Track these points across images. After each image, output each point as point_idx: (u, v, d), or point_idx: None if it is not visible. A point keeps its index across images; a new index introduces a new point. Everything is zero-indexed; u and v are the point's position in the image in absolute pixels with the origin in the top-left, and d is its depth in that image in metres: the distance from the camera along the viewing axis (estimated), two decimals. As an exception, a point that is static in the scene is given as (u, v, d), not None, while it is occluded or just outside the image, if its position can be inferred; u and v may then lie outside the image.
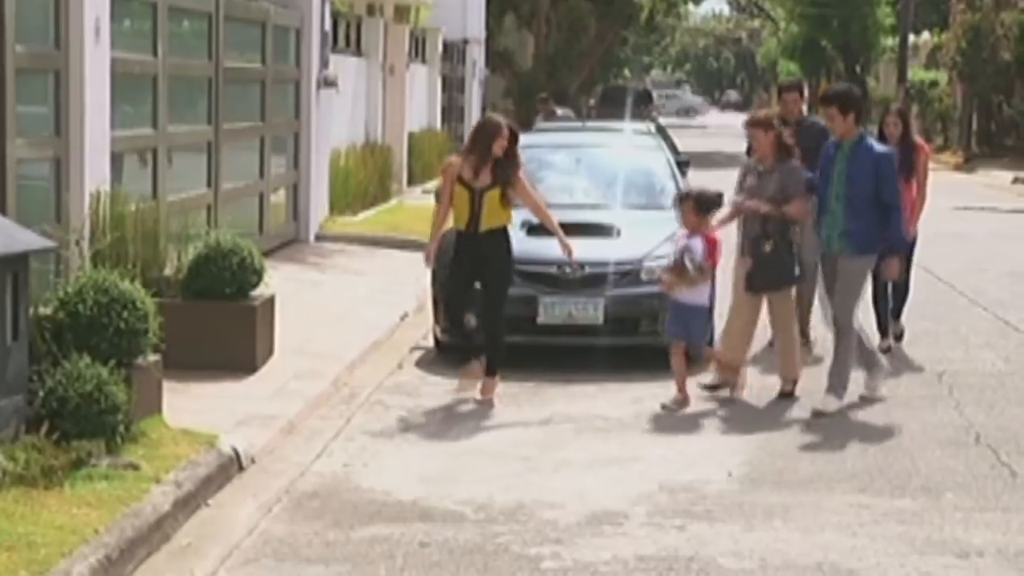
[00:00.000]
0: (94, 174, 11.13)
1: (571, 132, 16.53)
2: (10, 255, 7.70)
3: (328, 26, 19.57)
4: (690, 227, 10.75)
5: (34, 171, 10.64)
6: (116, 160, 11.86)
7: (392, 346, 12.84)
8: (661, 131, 20.79)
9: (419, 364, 12.08)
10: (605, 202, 13.17)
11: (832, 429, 9.96)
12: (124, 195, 11.18)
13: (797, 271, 10.90)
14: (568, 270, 11.66)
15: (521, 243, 11.97)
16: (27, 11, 10.27)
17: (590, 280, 11.72)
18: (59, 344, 8.37)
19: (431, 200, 24.80)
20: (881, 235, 10.40)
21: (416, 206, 23.48)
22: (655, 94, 58.52)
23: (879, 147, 10.65)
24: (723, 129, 63.09)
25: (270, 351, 11.43)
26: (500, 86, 42.54)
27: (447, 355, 12.07)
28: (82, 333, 8.44)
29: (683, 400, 10.55)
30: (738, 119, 27.78)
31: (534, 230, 12.05)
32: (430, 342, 12.64)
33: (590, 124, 20.32)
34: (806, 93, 13.29)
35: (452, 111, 34.40)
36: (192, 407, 9.61)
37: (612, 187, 13.56)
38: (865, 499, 8.25)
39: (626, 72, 67.91)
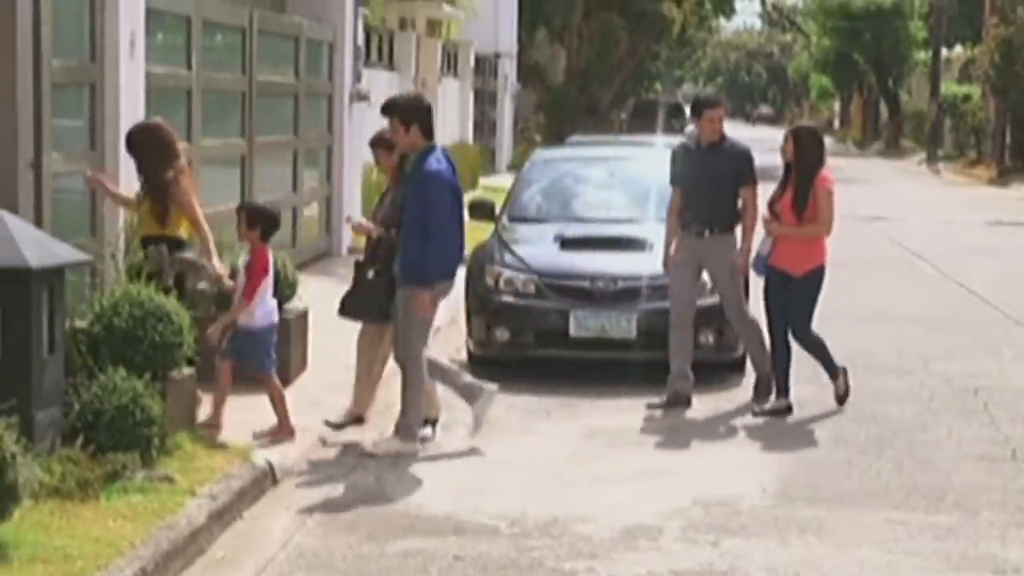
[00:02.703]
0: (129, 188, 11.15)
1: (604, 146, 16.50)
2: (47, 269, 7.73)
3: (361, 40, 19.63)
4: (244, 240, 9.82)
5: (69, 185, 10.69)
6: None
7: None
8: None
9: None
10: (638, 216, 13.16)
11: (866, 444, 9.92)
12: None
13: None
14: (601, 284, 11.67)
15: (555, 257, 12.02)
16: (63, 25, 10.32)
17: (623, 294, 11.71)
18: (95, 357, 8.41)
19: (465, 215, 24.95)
20: None
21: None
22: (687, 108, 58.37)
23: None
24: (755, 144, 62.88)
25: (303, 364, 11.46)
26: (531, 100, 42.58)
27: (480, 369, 12.06)
28: (117, 346, 8.48)
29: (214, 426, 9.23)
30: (771, 133, 27.83)
31: (567, 244, 12.06)
32: (463, 355, 12.64)
33: (623, 138, 20.37)
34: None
35: (484, 125, 34.45)
36: (227, 420, 9.62)
37: (645, 201, 13.53)
38: (900, 515, 8.21)
39: (657, 86, 67.84)
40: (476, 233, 16.84)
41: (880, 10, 58.88)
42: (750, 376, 12.01)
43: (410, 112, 9.24)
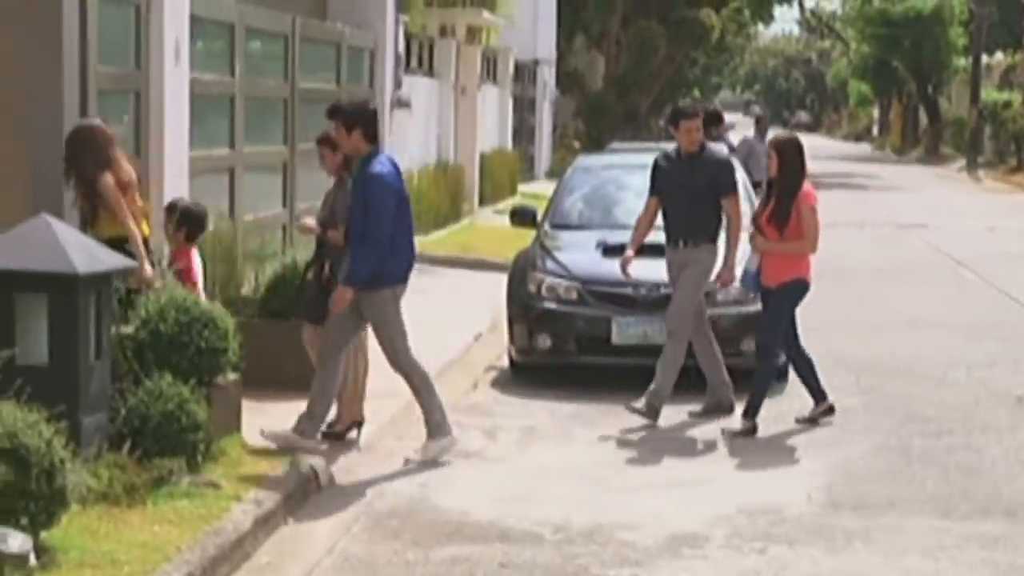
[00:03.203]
0: (173, 193, 11.22)
1: (645, 153, 16.47)
2: (94, 275, 7.76)
3: (401, 47, 19.67)
4: (171, 238, 9.80)
5: (115, 191, 10.73)
6: (193, 179, 11.95)
7: (466, 366, 12.85)
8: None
9: (494, 384, 12.08)
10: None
11: (910, 452, 9.87)
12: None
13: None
14: (643, 291, 11.66)
15: (597, 264, 12.00)
16: (109, 32, 10.39)
17: (665, 301, 11.64)
18: (140, 363, 8.44)
19: (503, 220, 24.96)
20: None
21: (488, 227, 23.57)
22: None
23: None
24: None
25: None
26: (570, 107, 42.56)
27: (522, 375, 12.08)
28: (163, 352, 8.50)
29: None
30: (809, 140, 27.79)
31: (610, 251, 12.04)
32: (504, 362, 12.65)
33: (663, 145, 20.34)
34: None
35: (523, 131, 34.45)
36: (269, 425, 9.65)
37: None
38: (947, 523, 8.16)
39: (696, 93, 67.71)
40: (517, 240, 16.93)
41: (920, 17, 58.63)
42: (792, 383, 11.99)
43: (354, 117, 9.27)
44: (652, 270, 11.80)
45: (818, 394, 10.79)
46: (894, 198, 36.02)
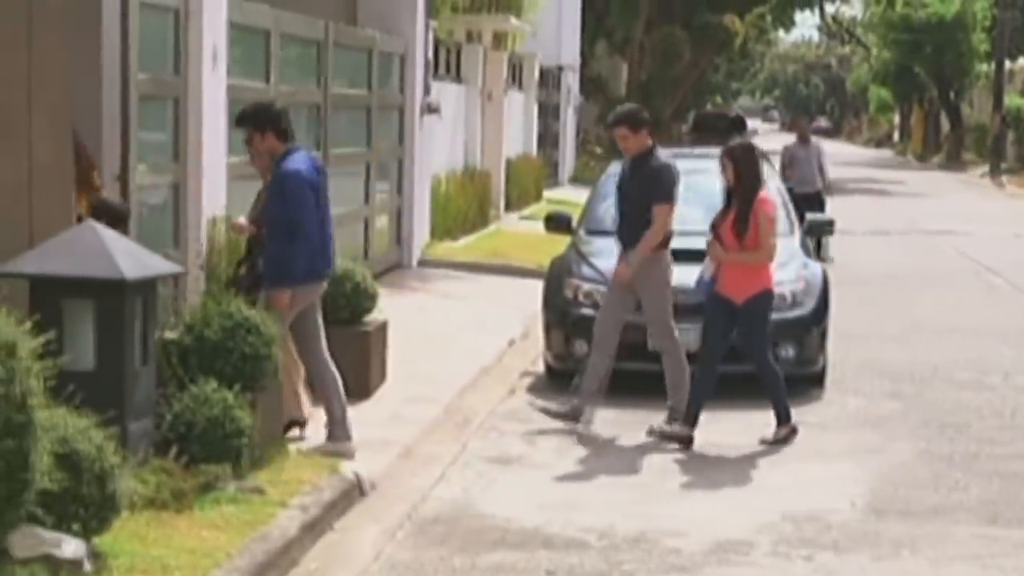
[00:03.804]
0: (211, 199, 11.25)
1: (679, 159, 16.46)
2: (141, 280, 7.77)
3: (430, 53, 19.68)
4: None
5: (154, 196, 10.76)
6: (230, 185, 11.96)
7: (502, 372, 12.84)
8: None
9: (531, 390, 12.06)
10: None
11: (952, 459, 9.83)
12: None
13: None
14: (680, 297, 11.61)
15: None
16: (148, 39, 10.40)
17: (702, 307, 11.63)
18: (185, 368, 8.44)
19: (529, 226, 24.97)
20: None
21: (515, 232, 23.56)
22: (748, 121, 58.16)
23: None
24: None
25: (383, 376, 11.48)
26: (593, 112, 42.55)
27: (558, 381, 12.06)
28: (207, 357, 8.51)
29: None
30: (828, 147, 27.75)
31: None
32: (540, 368, 12.64)
33: (698, 151, 20.33)
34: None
35: (547, 137, 34.44)
36: (310, 431, 9.67)
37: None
38: (994, 531, 8.13)
39: (717, 99, 67.68)
40: (545, 246, 16.93)
41: (942, 22, 58.45)
42: (830, 389, 11.99)
43: (259, 119, 9.30)
44: (688, 276, 11.78)
45: (692, 417, 10.27)
46: (918, 204, 35.94)
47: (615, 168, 14.78)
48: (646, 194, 10.61)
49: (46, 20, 8.48)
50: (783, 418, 10.33)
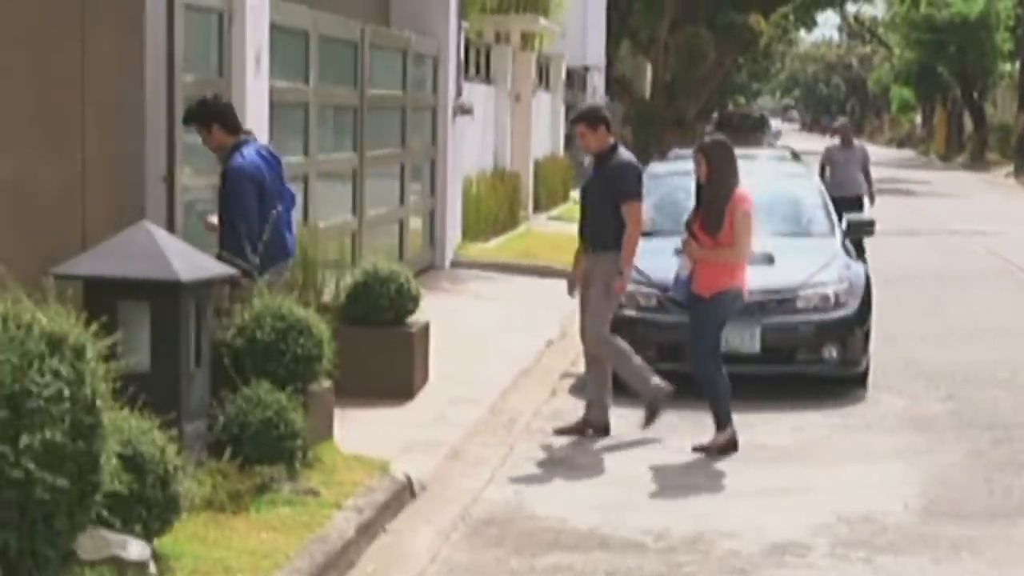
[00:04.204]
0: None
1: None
2: (196, 282, 7.76)
3: (461, 54, 19.68)
4: None
5: (198, 198, 10.76)
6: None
7: (541, 373, 12.82)
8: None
9: (572, 391, 12.04)
10: (760, 229, 13.03)
11: (1001, 460, 9.78)
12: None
13: None
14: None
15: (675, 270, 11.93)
16: (192, 40, 10.40)
17: (745, 308, 11.57)
18: (237, 370, 8.44)
19: (559, 227, 24.95)
20: None
21: (545, 233, 23.55)
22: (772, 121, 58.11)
23: None
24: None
25: (425, 377, 11.47)
26: (618, 112, 42.48)
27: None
28: (259, 359, 8.50)
29: None
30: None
31: (688, 257, 11.98)
32: (580, 369, 12.58)
33: (739, 151, 20.31)
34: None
35: (573, 138, 34.33)
36: (356, 433, 9.65)
37: (762, 214, 13.43)
38: (1052, 532, 8.10)
39: (740, 99, 67.60)
40: (575, 246, 16.85)
41: (966, 22, 58.30)
42: (873, 390, 11.95)
43: (204, 115, 9.24)
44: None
45: (721, 422, 10.10)
46: (945, 204, 35.85)
47: (654, 169, 14.82)
48: (611, 193, 10.43)
49: (98, 21, 8.52)
50: (722, 425, 10.03)
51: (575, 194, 31.11)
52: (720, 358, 10.18)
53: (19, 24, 7.85)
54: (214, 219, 9.71)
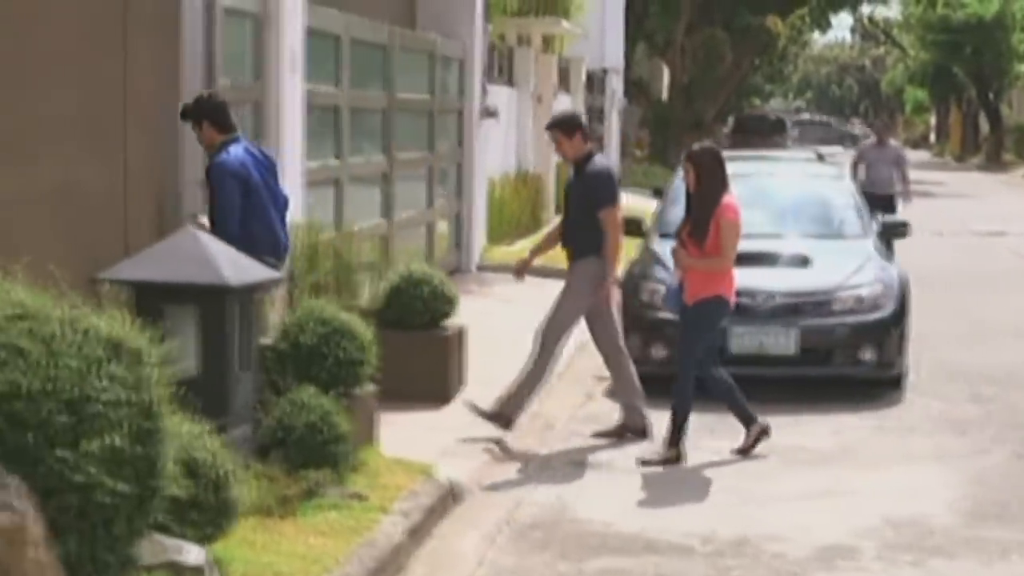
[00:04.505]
0: (293, 206, 11.21)
1: (743, 161, 16.43)
2: (242, 286, 7.76)
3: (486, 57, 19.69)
4: None
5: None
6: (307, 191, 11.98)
7: (575, 376, 12.79)
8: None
9: (607, 394, 12.01)
10: (790, 231, 13.07)
11: (1043, 462, 9.78)
12: (319, 226, 11.29)
13: None
14: (760, 300, 11.60)
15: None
16: (229, 44, 10.40)
17: (782, 310, 11.63)
18: (280, 374, 8.43)
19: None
20: None
21: (567, 235, 23.47)
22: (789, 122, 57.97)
23: None
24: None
25: (461, 381, 11.46)
26: (635, 115, 42.48)
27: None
28: (303, 363, 8.51)
29: None
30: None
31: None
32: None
33: (766, 153, 20.33)
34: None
35: (592, 140, 34.33)
36: (395, 437, 9.64)
37: (795, 216, 13.46)
38: (1101, 535, 8.07)
39: (755, 101, 67.54)
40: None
41: (982, 23, 58.22)
42: (908, 392, 11.93)
43: (197, 111, 9.21)
44: (767, 279, 11.79)
45: (746, 419, 10.07)
46: (964, 205, 35.80)
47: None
48: (589, 199, 10.34)
49: (139, 27, 8.52)
50: (675, 438, 9.81)
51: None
52: (717, 361, 10.13)
53: (63, 31, 7.86)
54: (205, 219, 9.69)
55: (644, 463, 9.72)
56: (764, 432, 9.99)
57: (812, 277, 11.86)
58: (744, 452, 9.94)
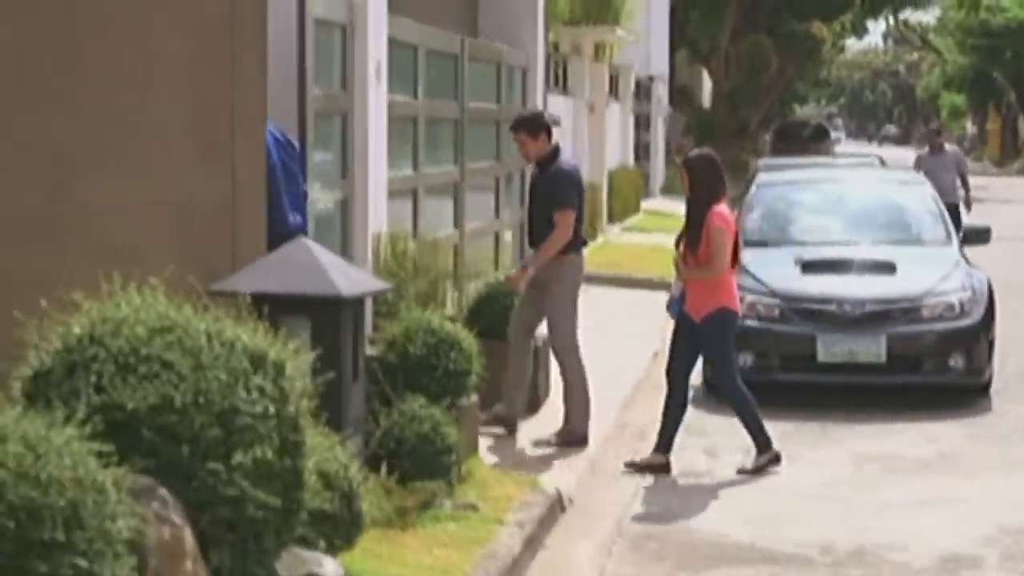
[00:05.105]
0: (376, 215, 11.22)
1: (819, 168, 16.40)
2: (354, 297, 7.73)
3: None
4: None
5: (324, 213, 10.73)
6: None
7: (655, 385, 12.65)
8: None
9: (694, 403, 11.92)
10: (872, 238, 13.00)
11: None
12: (405, 235, 11.27)
13: None
14: (848, 307, 11.55)
15: (798, 281, 11.90)
16: (319, 54, 10.38)
17: (871, 317, 11.57)
18: (390, 384, 8.41)
19: (635, 238, 24.88)
20: None
21: (623, 244, 23.51)
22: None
23: None
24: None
25: (547, 391, 11.42)
26: (679, 123, 42.42)
27: (718, 393, 11.92)
28: (412, 374, 8.47)
29: None
30: (898, 153, 27.43)
31: (809, 267, 11.94)
32: (695, 381, 12.48)
33: (841, 160, 20.26)
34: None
35: (638, 148, 34.36)
36: (491, 448, 9.63)
37: (875, 223, 13.39)
38: None
39: (796, 107, 67.39)
40: (655, 257, 16.80)
41: (1021, 27, 58.00)
42: (996, 399, 11.84)
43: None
44: (855, 286, 11.74)
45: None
46: (1011, 210, 35.55)
47: (764, 179, 14.77)
48: (549, 199, 10.30)
49: (245, 43, 8.49)
50: (762, 446, 9.70)
51: (647, 204, 31.18)
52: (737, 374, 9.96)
53: (179, 48, 7.84)
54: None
55: (741, 471, 9.66)
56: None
57: (900, 284, 11.80)
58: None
